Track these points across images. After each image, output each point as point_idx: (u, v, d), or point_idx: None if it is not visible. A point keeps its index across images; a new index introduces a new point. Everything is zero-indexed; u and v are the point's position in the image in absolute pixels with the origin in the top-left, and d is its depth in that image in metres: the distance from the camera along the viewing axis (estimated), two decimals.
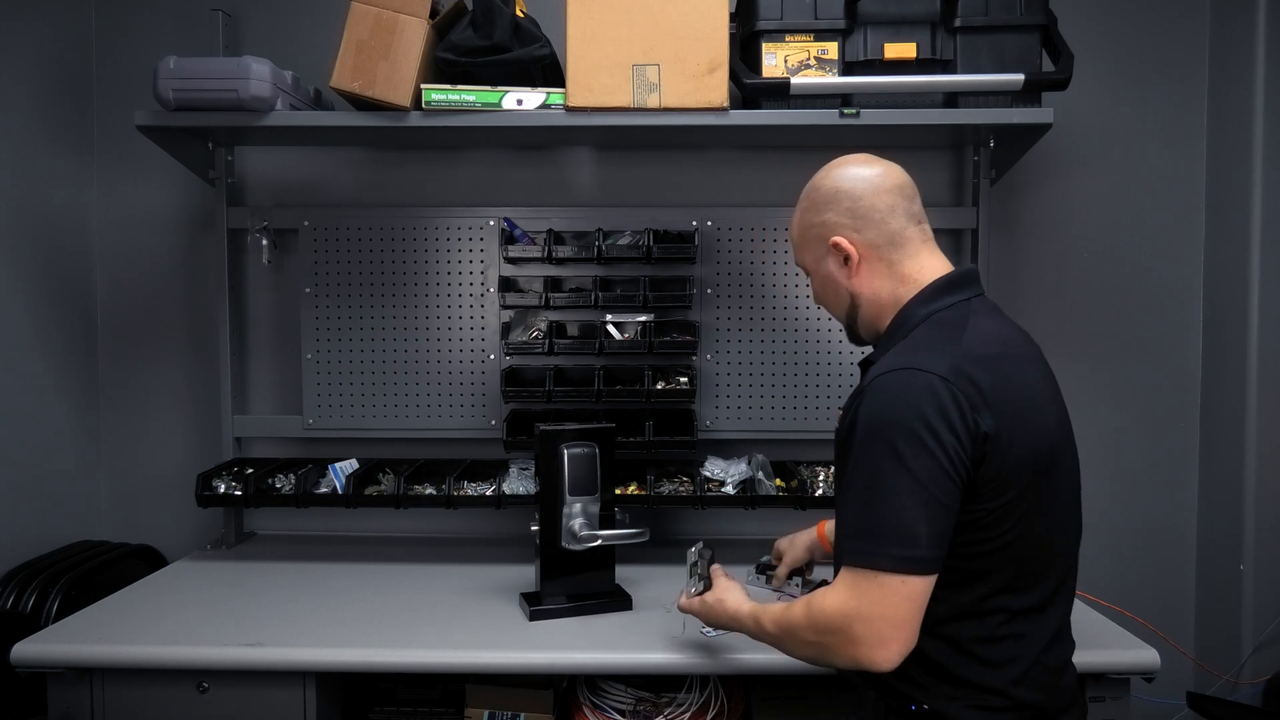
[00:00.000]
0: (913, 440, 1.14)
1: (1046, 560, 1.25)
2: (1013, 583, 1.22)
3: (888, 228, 1.33)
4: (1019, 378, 1.22)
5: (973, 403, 1.16)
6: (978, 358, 1.19)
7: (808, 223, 1.40)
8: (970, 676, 1.22)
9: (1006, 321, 1.33)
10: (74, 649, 1.66)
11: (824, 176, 1.40)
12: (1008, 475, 1.18)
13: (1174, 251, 2.40)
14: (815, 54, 2.03)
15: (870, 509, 1.17)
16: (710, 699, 1.78)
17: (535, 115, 2.02)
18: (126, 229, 2.44)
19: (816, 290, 1.46)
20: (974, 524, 1.19)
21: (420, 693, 1.98)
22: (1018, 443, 1.18)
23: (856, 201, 1.34)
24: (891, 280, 1.34)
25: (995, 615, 1.22)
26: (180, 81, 1.98)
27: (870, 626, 1.15)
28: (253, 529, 2.47)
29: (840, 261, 1.36)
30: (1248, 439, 2.19)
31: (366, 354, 2.37)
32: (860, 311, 1.38)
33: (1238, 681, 2.15)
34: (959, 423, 1.15)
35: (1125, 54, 2.37)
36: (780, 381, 2.36)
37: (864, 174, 1.36)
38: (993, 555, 1.21)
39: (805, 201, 1.41)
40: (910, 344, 1.25)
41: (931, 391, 1.15)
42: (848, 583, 1.18)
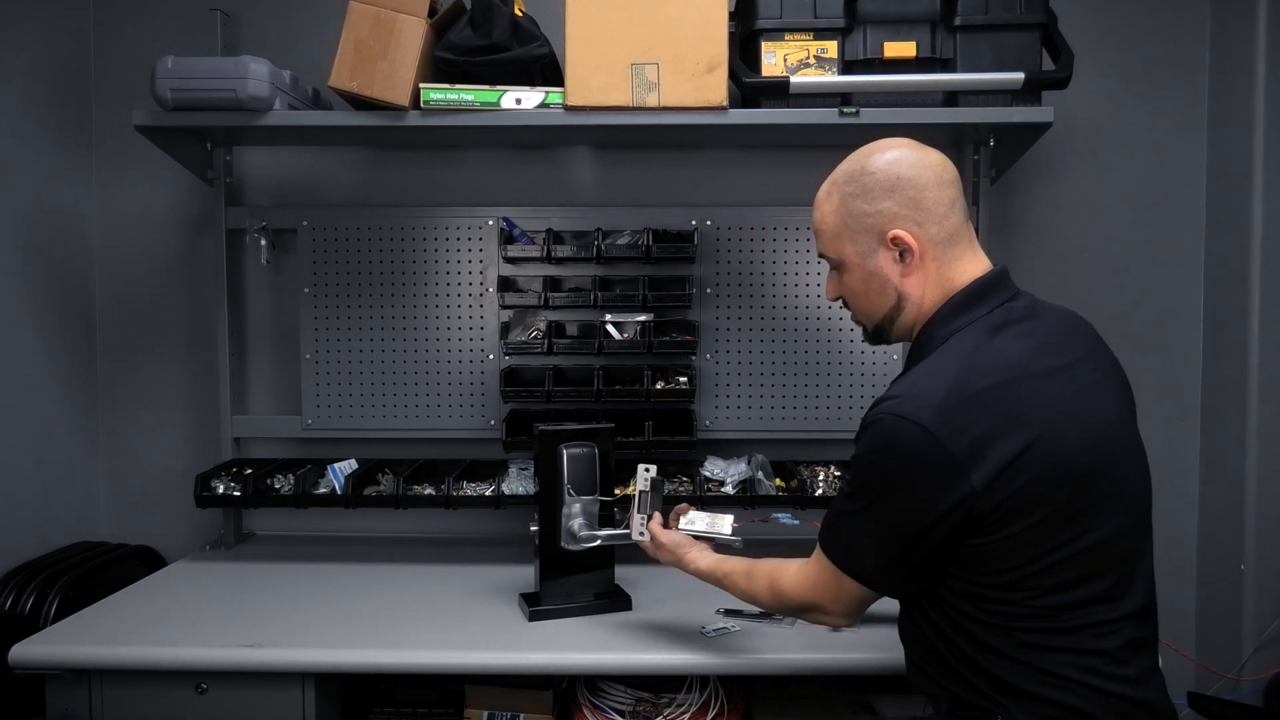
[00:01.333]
0: (882, 495, 1.19)
1: (1103, 576, 1.18)
2: (1060, 601, 1.16)
3: (947, 223, 1.25)
4: (1030, 400, 1.15)
5: (956, 450, 1.12)
6: (974, 394, 1.14)
7: (856, 210, 1.27)
8: (1039, 691, 1.17)
9: (1034, 328, 1.24)
10: (73, 650, 1.66)
11: (876, 159, 1.27)
12: (1020, 506, 1.13)
13: (1175, 250, 2.40)
14: (815, 53, 2.03)
15: (841, 524, 1.27)
16: (710, 699, 1.78)
17: (534, 115, 2.02)
18: (125, 229, 2.43)
19: (851, 286, 1.33)
20: (992, 553, 1.15)
21: (419, 693, 1.97)
22: (1034, 473, 1.13)
23: (921, 191, 1.24)
24: (936, 283, 1.27)
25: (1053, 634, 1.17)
26: (178, 81, 1.98)
27: (834, 603, 1.33)
28: (252, 529, 2.47)
29: (895, 257, 1.27)
30: (1248, 438, 2.18)
31: (365, 354, 2.36)
32: (902, 314, 1.30)
33: (1239, 679, 2.15)
34: (934, 478, 1.13)
35: (1125, 52, 2.37)
36: (780, 381, 2.35)
37: (927, 161, 1.26)
38: (1030, 579, 1.15)
39: (853, 186, 1.28)
40: (914, 377, 1.21)
41: (909, 447, 1.14)
42: (817, 566, 1.33)
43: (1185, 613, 2.40)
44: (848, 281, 1.34)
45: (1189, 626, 2.39)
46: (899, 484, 1.16)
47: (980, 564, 1.17)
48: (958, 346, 1.21)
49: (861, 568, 1.24)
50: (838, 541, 1.28)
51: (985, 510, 1.13)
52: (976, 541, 1.16)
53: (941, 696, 1.28)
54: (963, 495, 1.12)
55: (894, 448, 1.15)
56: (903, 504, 1.16)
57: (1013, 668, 1.18)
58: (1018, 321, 1.24)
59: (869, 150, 1.30)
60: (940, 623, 1.24)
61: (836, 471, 2.20)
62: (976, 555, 1.16)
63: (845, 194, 1.29)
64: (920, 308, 1.28)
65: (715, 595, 1.87)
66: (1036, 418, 1.15)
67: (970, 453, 1.12)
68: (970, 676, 1.21)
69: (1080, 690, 1.16)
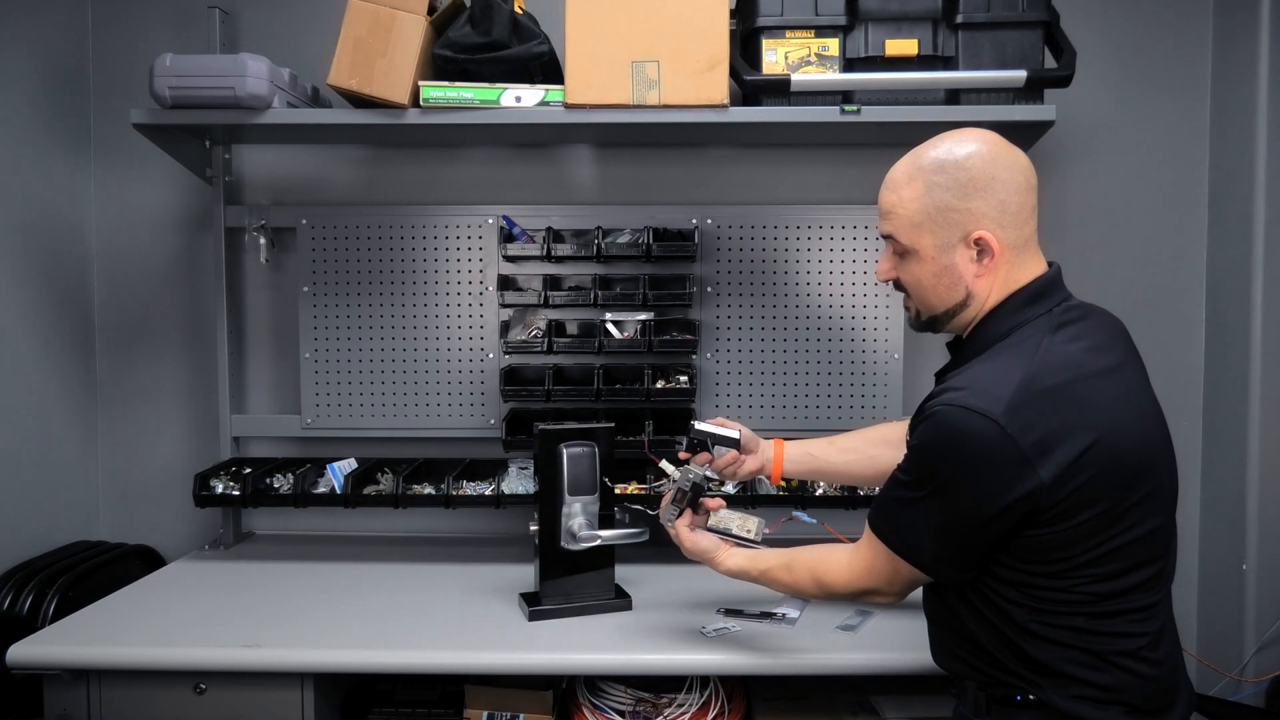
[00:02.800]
0: (947, 484, 1.19)
1: (1144, 567, 1.22)
2: (1105, 590, 1.20)
3: (1025, 230, 1.26)
4: (1094, 404, 1.18)
5: (1025, 445, 1.14)
6: (1042, 391, 1.16)
7: (944, 204, 1.25)
8: (1075, 672, 1.21)
9: (1091, 326, 1.27)
10: (71, 650, 1.66)
11: (971, 152, 1.24)
12: (1081, 501, 1.16)
13: (1176, 249, 2.39)
14: (816, 50, 2.02)
15: (899, 511, 1.27)
16: (710, 699, 1.78)
17: (534, 112, 2.01)
18: (123, 228, 2.43)
19: (919, 276, 1.31)
20: (1049, 544, 1.18)
21: (419, 694, 1.97)
22: (1094, 471, 1.15)
23: (1011, 196, 1.24)
24: (1002, 284, 1.27)
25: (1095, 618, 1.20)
26: (177, 79, 1.97)
27: (888, 584, 1.33)
28: (251, 529, 2.46)
29: (973, 256, 1.26)
30: (1250, 438, 2.18)
31: (365, 353, 2.36)
32: (965, 311, 1.30)
33: (1241, 679, 2.14)
34: (1001, 470, 1.15)
35: (1128, 51, 2.36)
36: (781, 380, 2.35)
37: (1017, 164, 1.25)
38: (1079, 570, 1.19)
39: (943, 177, 1.25)
40: (978, 371, 1.22)
41: (980, 437, 1.14)
42: (869, 549, 1.33)
43: (1187, 613, 2.39)
44: (915, 270, 1.31)
45: (1190, 627, 2.38)
46: (966, 476, 1.17)
47: (1034, 554, 1.19)
48: (1021, 344, 1.23)
49: (918, 554, 1.25)
50: (893, 529, 1.28)
51: (1048, 505, 1.15)
52: (1034, 533, 1.18)
53: (968, 675, 1.31)
54: (1029, 490, 1.14)
55: (964, 439, 1.16)
56: (968, 496, 1.17)
57: (1053, 650, 1.21)
58: (1073, 322, 1.26)
59: (960, 139, 1.27)
60: (980, 606, 1.26)
61: None
62: (1032, 546, 1.19)
63: (933, 183, 1.26)
64: (983, 305, 1.29)
65: (715, 595, 1.88)
66: (1098, 417, 1.17)
67: (1038, 449, 1.14)
68: (1003, 657, 1.24)
69: (1116, 672, 1.21)
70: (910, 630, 1.52)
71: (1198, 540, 2.40)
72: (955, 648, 1.32)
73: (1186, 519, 2.40)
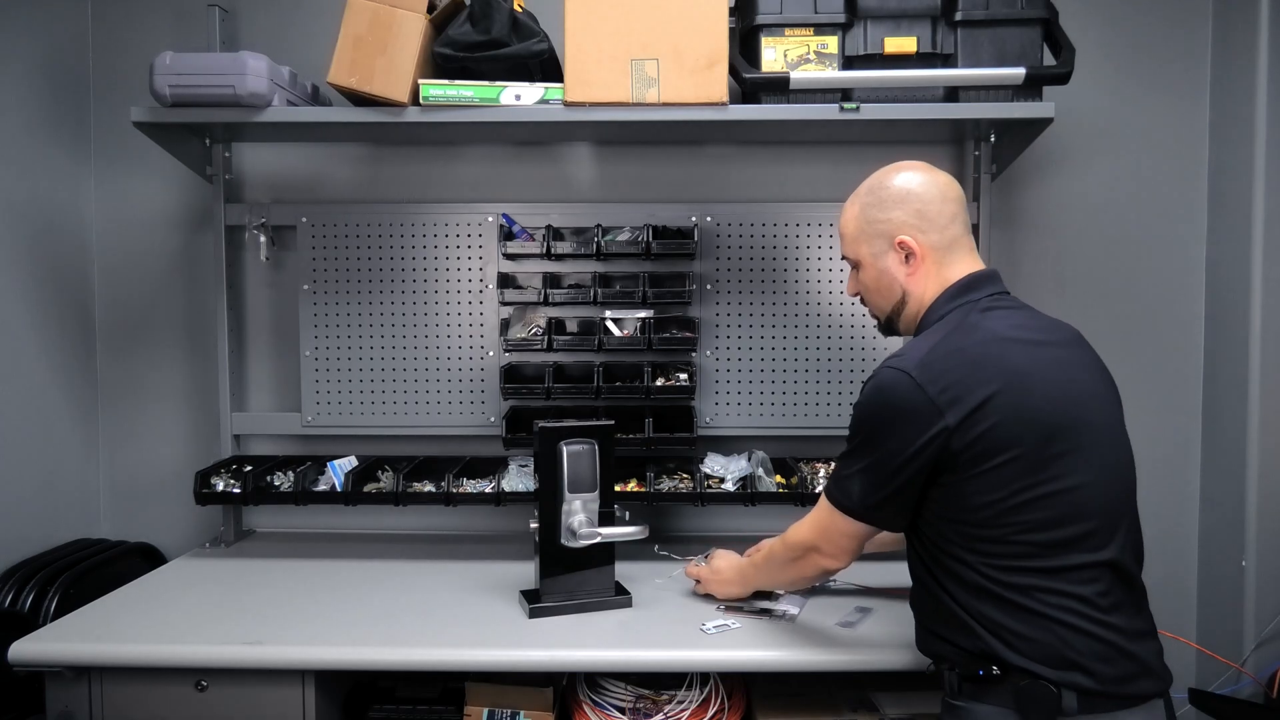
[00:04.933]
0: (871, 431, 1.39)
1: (1078, 521, 1.31)
2: (1039, 540, 1.30)
3: (947, 233, 1.46)
4: (998, 357, 1.34)
5: (932, 393, 1.31)
6: (951, 350, 1.35)
7: (872, 218, 1.50)
8: (1032, 633, 1.29)
9: (1023, 315, 1.44)
10: (72, 647, 1.66)
11: (892, 177, 1.49)
12: (989, 447, 1.30)
13: (1176, 246, 2.39)
14: (815, 48, 2.02)
15: (840, 465, 1.47)
16: (711, 696, 1.78)
17: (533, 110, 2.01)
18: (124, 226, 2.43)
19: (865, 282, 1.55)
20: (968, 490, 1.32)
21: (419, 691, 1.97)
22: (998, 418, 1.29)
23: (926, 205, 1.46)
24: (935, 282, 1.47)
25: (1035, 574, 1.30)
26: (176, 77, 1.97)
27: (830, 544, 1.52)
28: (251, 527, 2.47)
29: (901, 259, 1.48)
30: (1250, 434, 2.18)
31: (365, 351, 2.36)
32: (906, 308, 1.50)
33: (1241, 672, 2.15)
34: (913, 415, 1.32)
35: (1127, 47, 2.36)
36: (780, 378, 2.35)
37: (933, 180, 1.48)
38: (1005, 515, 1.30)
39: (870, 197, 1.51)
40: (911, 342, 1.43)
41: (895, 389, 1.34)
42: (816, 511, 1.53)
43: (1187, 609, 2.40)
44: (863, 279, 1.55)
45: (1190, 622, 2.39)
46: (884, 422, 1.36)
47: (959, 500, 1.33)
48: (948, 320, 1.43)
49: (849, 499, 1.43)
50: (834, 481, 1.47)
51: (958, 448, 1.31)
52: (952, 479, 1.33)
53: (947, 654, 1.40)
54: (937, 432, 1.31)
55: (882, 392, 1.37)
56: (887, 439, 1.36)
57: (1002, 608, 1.31)
58: (1006, 309, 1.44)
59: (889, 169, 1.52)
60: (939, 572, 1.38)
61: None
62: (954, 494, 1.33)
63: (865, 204, 1.51)
64: (921, 302, 1.49)
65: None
66: (1001, 370, 1.33)
67: (946, 397, 1.31)
68: (965, 622, 1.35)
69: (1064, 631, 1.29)
70: (909, 627, 1.52)
71: (1197, 536, 2.40)
72: (932, 624, 1.43)
73: (1186, 514, 2.41)
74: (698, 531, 2.37)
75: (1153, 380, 2.40)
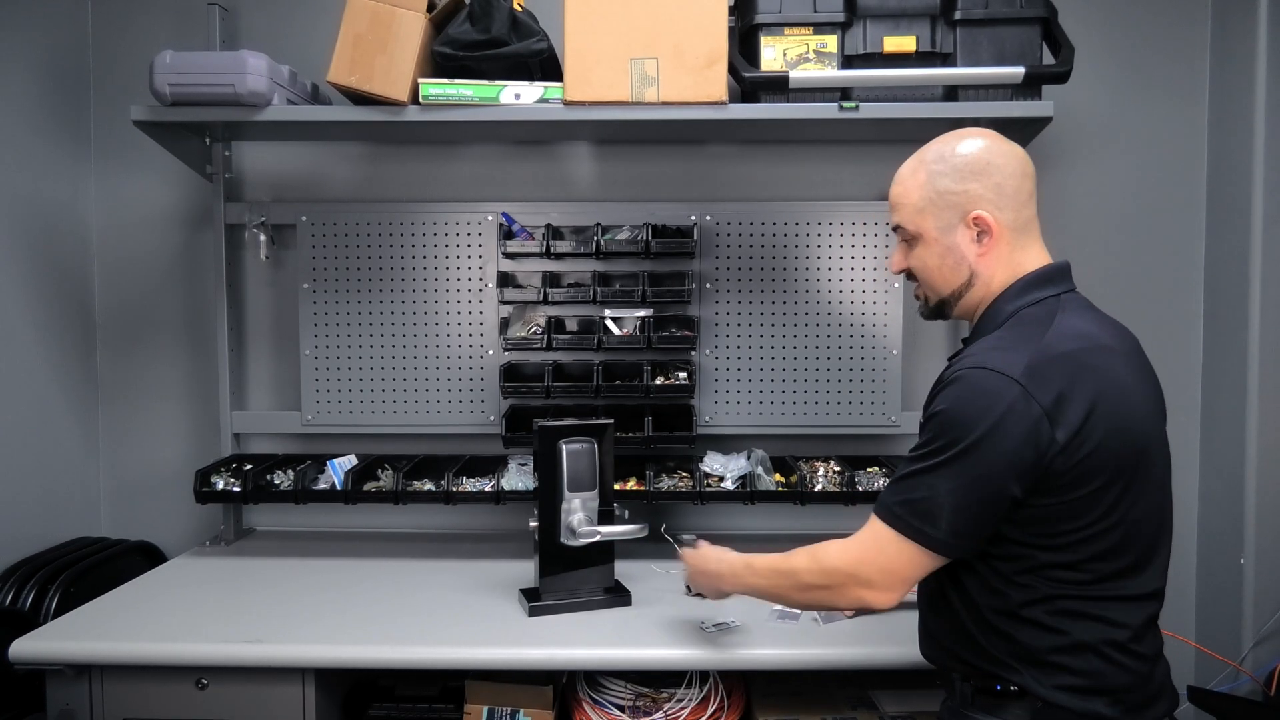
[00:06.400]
0: (972, 444, 1.20)
1: (1136, 548, 1.24)
2: (1102, 570, 1.22)
3: (1023, 213, 1.33)
4: (1102, 372, 1.22)
5: (1044, 404, 1.18)
6: (1057, 355, 1.21)
7: (943, 188, 1.33)
8: (1061, 660, 1.23)
9: (1096, 316, 1.33)
10: (73, 646, 1.66)
11: (968, 143, 1.34)
12: (1089, 469, 1.19)
13: (1175, 244, 2.39)
14: (814, 47, 2.02)
15: (914, 482, 1.25)
16: (710, 694, 1.78)
17: (533, 110, 2.01)
18: (124, 225, 2.43)
19: (925, 259, 1.38)
20: (1056, 515, 1.20)
21: (420, 689, 1.98)
22: (1100, 437, 1.19)
23: (1006, 179, 1.32)
24: (1006, 265, 1.33)
25: (1085, 601, 1.22)
26: (177, 76, 1.97)
27: (881, 575, 1.28)
28: (251, 525, 2.47)
29: (973, 237, 1.33)
30: (1248, 432, 2.18)
31: (365, 350, 2.36)
32: (971, 291, 1.36)
33: (1239, 670, 2.15)
34: (1024, 429, 1.17)
35: (1126, 46, 2.36)
36: (780, 377, 2.35)
37: (1013, 153, 1.34)
38: (1082, 544, 1.21)
39: (942, 165, 1.34)
40: (994, 341, 1.27)
41: (1002, 396, 1.18)
42: (870, 534, 1.30)
43: (1185, 606, 2.40)
44: (922, 255, 1.38)
45: (1189, 620, 2.39)
46: (989, 433, 1.18)
47: (1041, 525, 1.21)
48: (1034, 318, 1.28)
49: (933, 527, 1.23)
50: (906, 506, 1.25)
51: (1061, 469, 1.18)
52: (1045, 502, 1.20)
53: (953, 666, 1.34)
54: (1047, 449, 1.18)
55: (985, 398, 1.19)
56: (990, 455, 1.18)
57: (1041, 635, 1.23)
58: (1083, 308, 1.33)
59: (959, 135, 1.36)
60: (975, 591, 1.27)
61: (836, 467, 2.20)
62: (1040, 516, 1.21)
63: (933, 172, 1.34)
64: (989, 287, 1.34)
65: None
66: (1105, 382, 1.21)
67: (1055, 408, 1.18)
68: (989, 643, 1.26)
69: (1100, 662, 1.22)
70: (909, 625, 1.52)
71: (1196, 534, 2.40)
72: (943, 637, 1.35)
73: (1185, 513, 2.40)
74: (697, 530, 2.37)
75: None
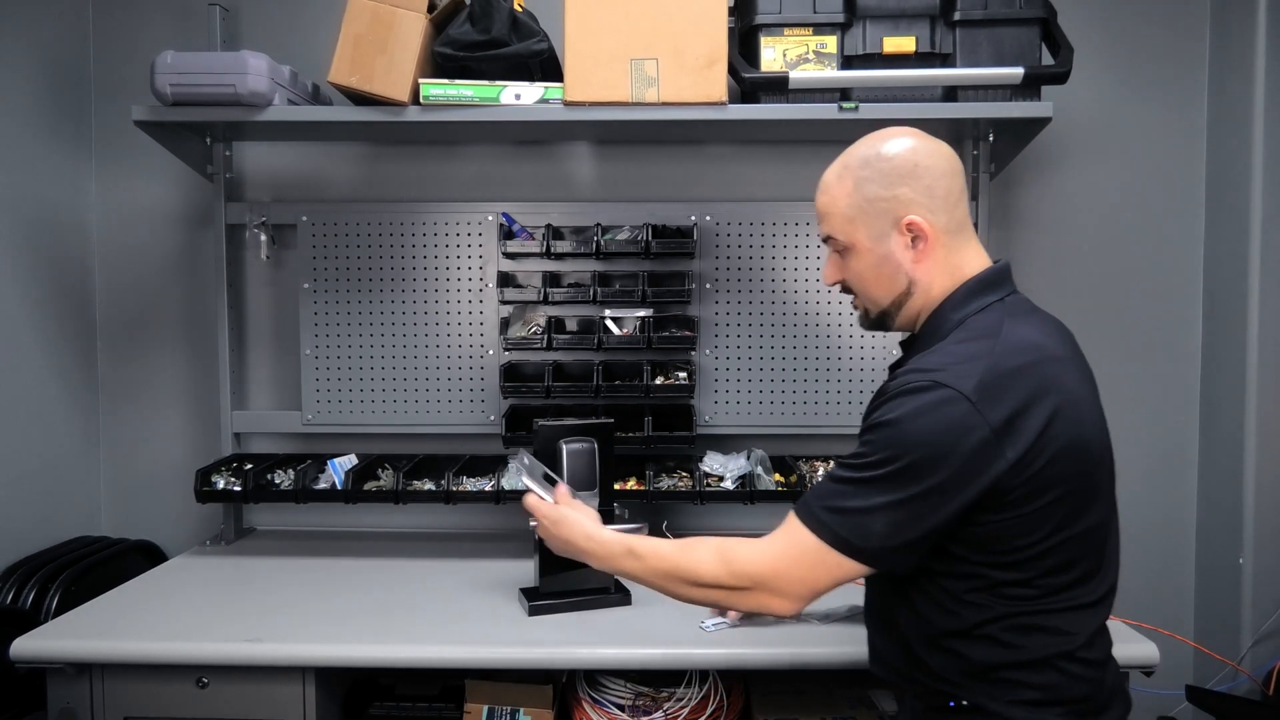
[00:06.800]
0: (914, 463, 1.15)
1: (1089, 558, 1.21)
2: (1054, 583, 1.19)
3: (956, 214, 1.28)
4: (1054, 384, 1.17)
5: (995, 423, 1.13)
6: (1009, 370, 1.16)
7: (871, 195, 1.27)
8: (1014, 675, 1.20)
9: (1042, 320, 1.28)
10: (73, 644, 1.66)
11: (893, 146, 1.28)
12: (1042, 484, 1.15)
13: (1174, 245, 2.40)
14: (814, 48, 2.02)
15: (847, 490, 1.20)
16: (710, 693, 1.79)
17: (533, 110, 2.01)
18: (125, 225, 2.43)
19: (859, 270, 1.32)
20: (1008, 531, 1.16)
21: (420, 688, 1.98)
22: (1053, 450, 1.15)
23: (936, 181, 1.26)
24: (943, 271, 1.28)
25: (1038, 614, 1.19)
26: (178, 76, 1.97)
27: (795, 585, 1.24)
28: (252, 524, 2.47)
29: (908, 243, 1.27)
30: (1247, 432, 2.18)
31: (365, 349, 2.37)
32: (910, 300, 1.30)
33: (1238, 669, 2.15)
34: (971, 448, 1.13)
35: (1125, 47, 2.37)
36: (780, 376, 2.35)
37: (939, 152, 1.28)
38: (1035, 560, 1.17)
39: (868, 170, 1.28)
40: (942, 352, 1.21)
41: (951, 414, 1.13)
42: (790, 539, 1.24)
43: (1184, 606, 2.40)
44: (856, 266, 1.33)
45: (1188, 620, 2.40)
46: (934, 452, 1.14)
47: (992, 542, 1.17)
48: (982, 327, 1.23)
49: (864, 538, 1.18)
50: (836, 514, 1.20)
51: (1012, 485, 1.14)
52: (995, 518, 1.16)
53: (905, 687, 1.31)
54: (994, 467, 1.13)
55: (935, 415, 1.14)
56: (935, 472, 1.14)
57: (995, 651, 1.20)
58: (1028, 312, 1.28)
59: (882, 136, 1.31)
60: (922, 607, 1.24)
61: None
62: (993, 533, 1.17)
63: (860, 178, 1.29)
64: (929, 294, 1.29)
65: None
66: (1059, 397, 1.17)
67: (1006, 425, 1.13)
68: (938, 662, 1.23)
69: (1051, 673, 1.19)
70: None
71: (1195, 535, 2.41)
72: (893, 659, 1.31)
73: (1184, 513, 2.41)
74: (697, 530, 2.37)
75: (1150, 379, 2.41)
